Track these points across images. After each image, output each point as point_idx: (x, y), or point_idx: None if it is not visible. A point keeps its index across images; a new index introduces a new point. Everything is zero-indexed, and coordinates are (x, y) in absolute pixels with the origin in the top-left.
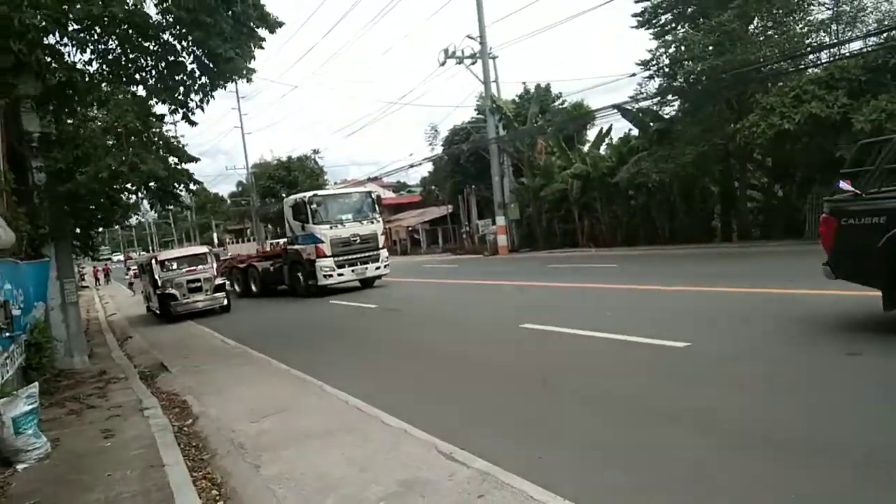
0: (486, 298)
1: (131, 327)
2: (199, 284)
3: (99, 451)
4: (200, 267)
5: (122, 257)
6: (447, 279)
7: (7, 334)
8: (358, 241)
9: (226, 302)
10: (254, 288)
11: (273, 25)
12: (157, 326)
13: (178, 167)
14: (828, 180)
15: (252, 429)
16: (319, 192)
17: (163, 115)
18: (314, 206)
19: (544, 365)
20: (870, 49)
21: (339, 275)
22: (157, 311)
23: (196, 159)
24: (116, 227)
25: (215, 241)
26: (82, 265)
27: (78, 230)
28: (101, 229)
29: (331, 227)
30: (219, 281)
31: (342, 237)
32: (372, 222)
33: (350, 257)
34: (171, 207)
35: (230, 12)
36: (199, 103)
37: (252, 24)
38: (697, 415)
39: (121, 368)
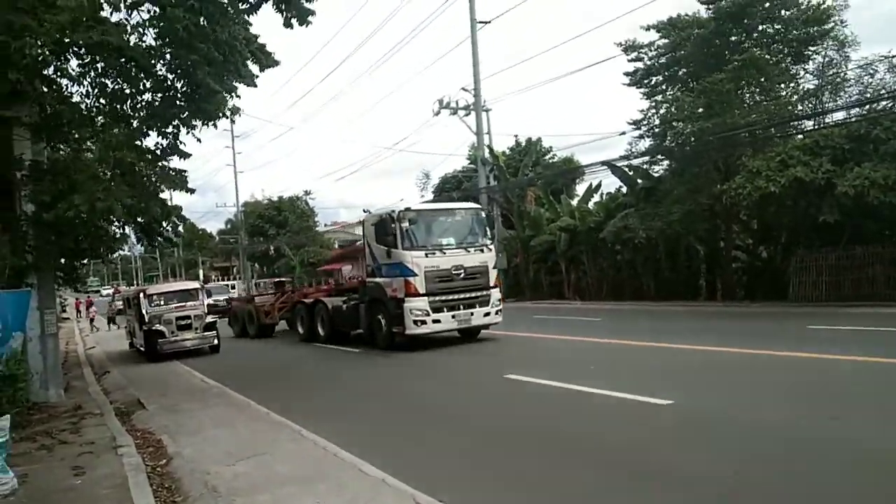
0: (473, 347)
1: (110, 362)
2: (188, 322)
3: (67, 489)
4: (191, 303)
5: (111, 290)
6: None
7: None
8: (462, 275)
9: (216, 342)
10: (321, 331)
11: (269, 63)
12: (136, 363)
13: (165, 207)
14: (811, 244)
15: (227, 472)
16: (414, 206)
17: (164, 152)
18: (406, 224)
19: (527, 417)
20: (853, 119)
21: (435, 321)
22: (142, 349)
23: (192, 190)
24: (100, 260)
25: (201, 277)
26: (64, 297)
27: (63, 260)
28: (86, 261)
29: (426, 255)
30: (209, 319)
31: (441, 269)
32: (482, 250)
33: (451, 298)
34: (156, 243)
35: (222, 44)
36: (190, 132)
37: (242, 58)
38: (684, 475)
39: (96, 404)
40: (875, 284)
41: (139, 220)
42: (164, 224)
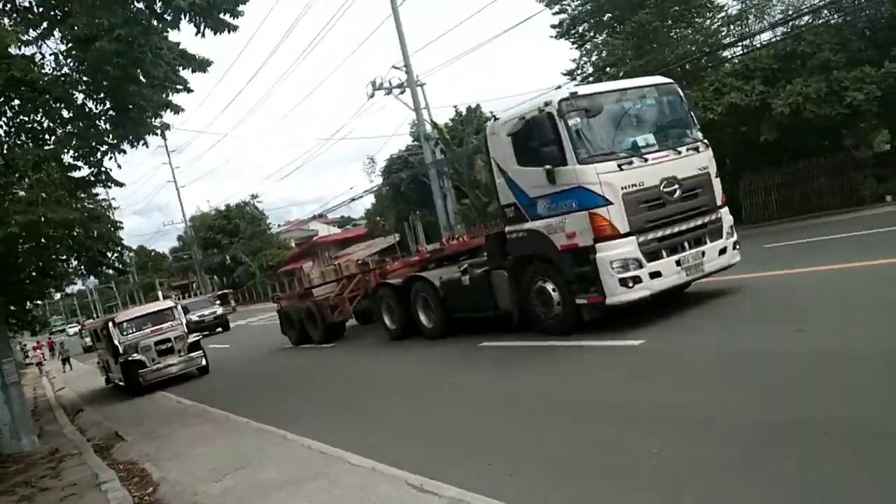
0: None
1: (83, 402)
2: (170, 345)
3: None
4: (168, 324)
5: (77, 328)
6: None
7: None
8: (677, 192)
9: (204, 362)
10: (424, 320)
11: (198, 66)
12: (110, 398)
13: (104, 232)
14: (756, 166)
15: (215, 488)
16: (583, 89)
17: (89, 182)
18: (578, 119)
19: (506, 379)
20: (778, 38)
21: (654, 275)
22: (121, 383)
23: (126, 247)
24: (57, 297)
25: (161, 298)
26: (23, 342)
27: (12, 307)
28: (39, 302)
29: (620, 167)
30: (193, 338)
31: (647, 187)
32: (696, 149)
33: (668, 232)
34: (109, 272)
35: (148, 63)
36: (114, 158)
37: (171, 67)
38: (660, 412)
39: (73, 444)
40: (822, 196)
41: (83, 253)
42: (109, 254)
